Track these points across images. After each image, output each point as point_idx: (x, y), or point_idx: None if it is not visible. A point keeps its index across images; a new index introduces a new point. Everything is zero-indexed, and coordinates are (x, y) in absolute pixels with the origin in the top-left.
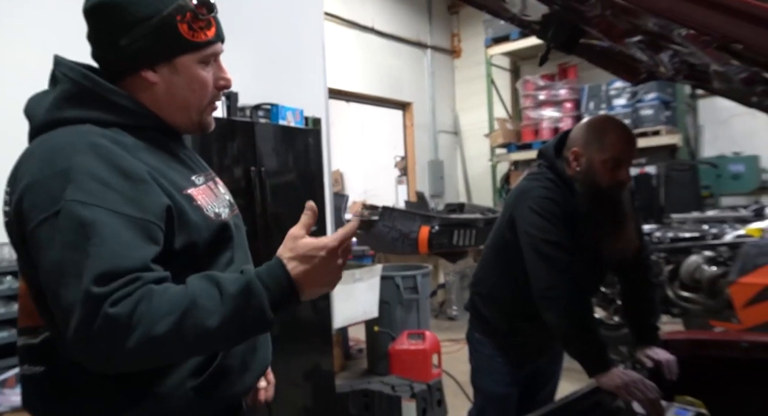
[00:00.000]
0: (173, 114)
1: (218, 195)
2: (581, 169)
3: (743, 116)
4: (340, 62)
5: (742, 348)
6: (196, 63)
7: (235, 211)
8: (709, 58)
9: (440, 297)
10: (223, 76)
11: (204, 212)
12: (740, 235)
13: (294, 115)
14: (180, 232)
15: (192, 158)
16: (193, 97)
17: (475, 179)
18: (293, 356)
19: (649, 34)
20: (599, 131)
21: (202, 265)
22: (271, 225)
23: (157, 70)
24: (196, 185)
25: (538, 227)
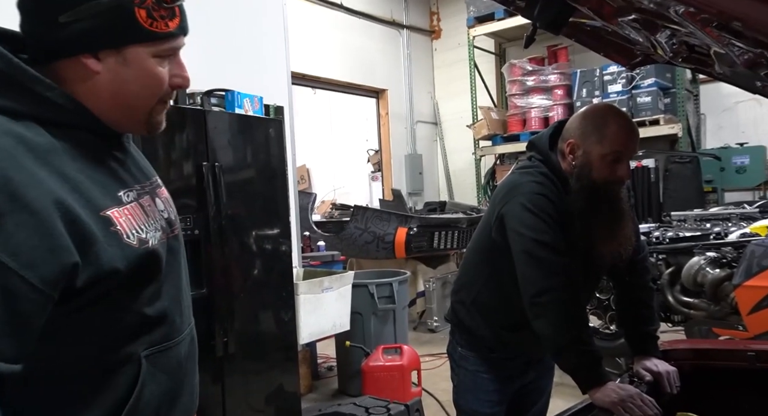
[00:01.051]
0: (114, 111)
1: (150, 214)
2: (577, 163)
3: (748, 103)
4: (305, 44)
5: (749, 357)
6: (150, 56)
7: (174, 231)
8: (709, 38)
9: (419, 307)
10: (180, 74)
11: (123, 239)
12: (745, 234)
13: (252, 102)
14: (85, 266)
15: (128, 166)
16: (142, 95)
17: (458, 175)
18: (252, 376)
19: (644, 12)
20: (599, 121)
21: (116, 301)
22: (227, 228)
23: (102, 58)
24: (122, 202)
25: (529, 226)
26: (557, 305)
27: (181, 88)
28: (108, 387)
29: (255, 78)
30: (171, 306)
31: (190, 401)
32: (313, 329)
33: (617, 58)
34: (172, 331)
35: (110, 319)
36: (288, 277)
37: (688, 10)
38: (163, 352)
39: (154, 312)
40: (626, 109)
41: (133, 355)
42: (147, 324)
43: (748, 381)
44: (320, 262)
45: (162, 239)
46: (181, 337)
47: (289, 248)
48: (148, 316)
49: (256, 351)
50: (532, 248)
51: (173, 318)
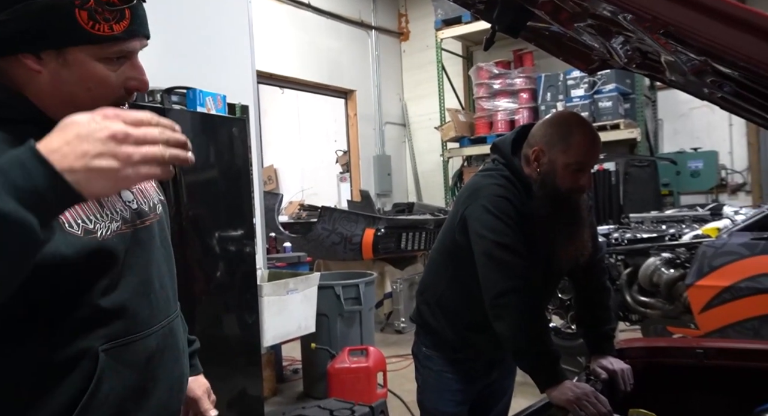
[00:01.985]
0: (60, 111)
1: (107, 205)
2: (542, 170)
3: (702, 109)
4: (273, 43)
5: (698, 354)
6: (94, 59)
7: (145, 222)
8: (657, 45)
9: (386, 308)
10: (135, 77)
11: (64, 227)
12: (698, 235)
13: (215, 101)
14: None
15: None
16: (86, 98)
17: (426, 176)
18: (214, 380)
19: (598, 18)
20: (564, 130)
21: (64, 294)
22: (188, 230)
23: (43, 58)
24: None
25: (491, 228)
26: (517, 307)
27: (138, 91)
28: (63, 383)
29: (218, 76)
30: (133, 299)
31: (168, 397)
32: (277, 331)
33: (576, 63)
34: (136, 325)
35: (59, 313)
36: (252, 279)
37: (634, 17)
38: (126, 346)
39: (111, 305)
40: (588, 113)
41: (90, 350)
42: (102, 318)
43: (697, 378)
44: (286, 263)
45: (122, 229)
46: (149, 330)
47: (253, 249)
48: (104, 309)
49: (218, 355)
50: (493, 250)
51: (136, 311)
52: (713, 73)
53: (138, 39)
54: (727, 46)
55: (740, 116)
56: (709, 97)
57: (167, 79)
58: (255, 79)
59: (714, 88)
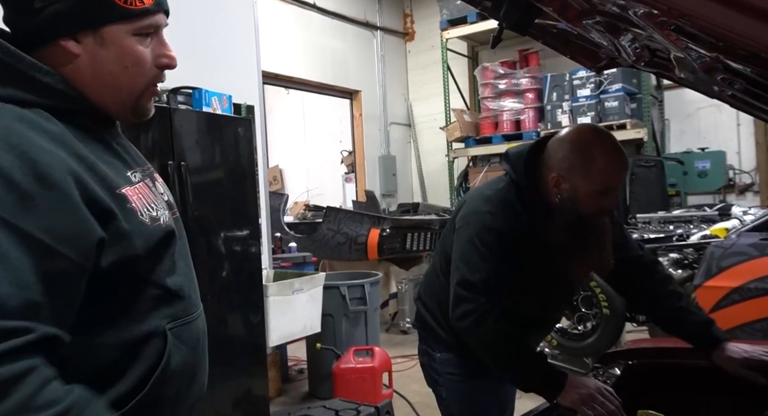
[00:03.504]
0: (102, 95)
1: (157, 195)
2: (562, 196)
3: (709, 109)
4: (278, 43)
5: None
6: (129, 35)
7: (175, 213)
8: (668, 42)
9: (392, 309)
10: (165, 53)
11: (138, 216)
12: (706, 236)
13: (221, 101)
14: (110, 246)
15: (128, 150)
16: (125, 76)
17: (431, 177)
18: (220, 380)
19: (607, 14)
20: (586, 154)
21: (138, 274)
22: (193, 229)
23: (81, 40)
24: (132, 182)
25: (466, 261)
26: (479, 336)
27: (169, 68)
28: (138, 358)
29: (224, 76)
30: (186, 281)
31: (203, 381)
32: (282, 331)
33: (583, 61)
34: (190, 306)
35: (135, 292)
36: (257, 279)
37: (646, 12)
38: (184, 326)
39: (173, 286)
40: (594, 113)
41: (158, 327)
42: (167, 297)
43: (707, 379)
44: (291, 263)
45: (169, 218)
46: (197, 312)
47: (258, 249)
48: (168, 289)
49: (224, 355)
50: (461, 283)
51: (189, 293)
52: (724, 70)
53: (163, 13)
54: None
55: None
56: (719, 95)
57: (173, 79)
58: (260, 79)
59: (724, 86)
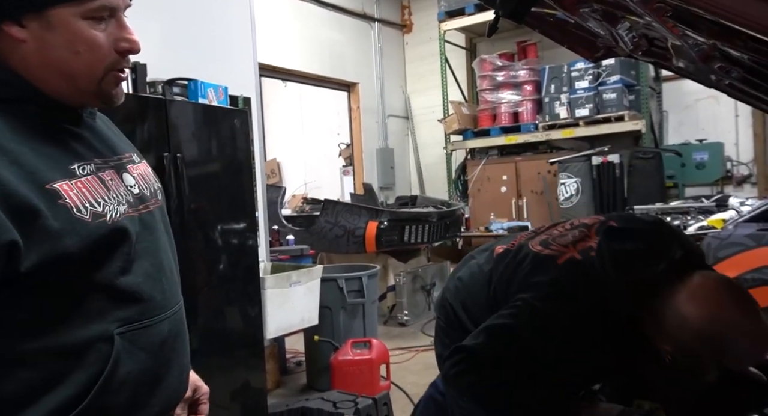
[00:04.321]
0: (53, 82)
1: (113, 187)
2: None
3: (707, 100)
4: (275, 35)
5: None
6: (78, 18)
7: (148, 207)
8: (665, 30)
9: (390, 301)
10: (124, 37)
11: (72, 212)
12: (703, 227)
13: (216, 92)
14: (34, 245)
15: (87, 139)
16: (78, 62)
17: (429, 169)
18: (217, 373)
19: (604, 2)
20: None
21: (76, 277)
22: (190, 222)
23: (26, 25)
24: (76, 175)
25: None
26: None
27: (131, 53)
28: (80, 366)
29: (220, 68)
30: (147, 283)
31: (178, 383)
32: (280, 324)
33: (581, 51)
34: (151, 309)
35: (73, 297)
36: (254, 272)
37: None
38: (141, 330)
39: (126, 288)
40: (592, 105)
41: (106, 332)
42: (117, 301)
43: None
44: (289, 256)
45: (129, 213)
46: (163, 315)
47: (255, 242)
48: (118, 292)
49: (221, 347)
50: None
51: (151, 295)
52: (721, 58)
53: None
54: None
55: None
56: (717, 84)
57: (169, 70)
58: (257, 71)
59: (722, 75)
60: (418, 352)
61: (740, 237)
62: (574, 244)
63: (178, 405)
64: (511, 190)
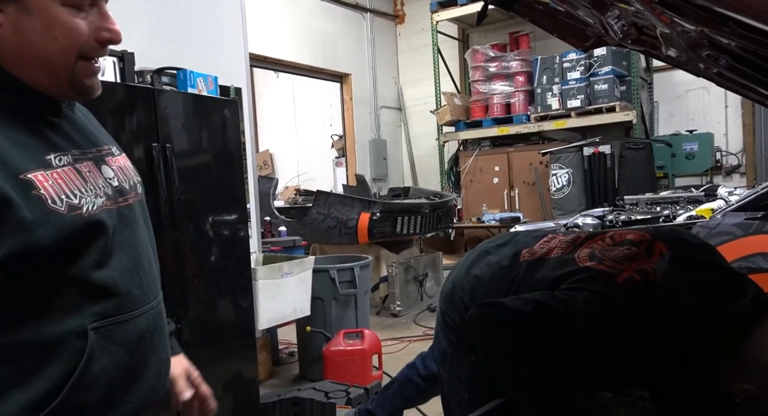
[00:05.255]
0: (29, 69)
1: (90, 180)
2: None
3: (697, 91)
4: (267, 25)
5: None
6: (57, 4)
7: (128, 200)
8: (654, 17)
9: (382, 292)
10: (105, 26)
11: (47, 204)
12: (692, 216)
13: (206, 82)
14: (6, 235)
15: (64, 130)
16: (55, 48)
17: (422, 160)
18: (208, 364)
19: None
20: None
21: (50, 270)
22: (179, 214)
23: (3, 9)
24: (51, 166)
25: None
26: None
27: (111, 43)
28: (52, 361)
29: (210, 57)
30: (124, 277)
31: (156, 379)
32: (272, 314)
33: (571, 40)
34: (127, 303)
35: (46, 291)
36: (246, 263)
37: None
38: (117, 325)
39: (101, 283)
40: (584, 96)
41: (79, 327)
42: (92, 296)
43: None
44: (281, 247)
45: (107, 205)
46: (140, 310)
47: (246, 233)
48: (94, 286)
49: (212, 338)
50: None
51: (127, 290)
52: (709, 46)
53: None
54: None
55: (736, 92)
56: (705, 72)
57: (158, 59)
58: (248, 61)
59: (710, 63)
60: (411, 342)
61: (728, 226)
62: (628, 262)
63: (184, 385)
64: (503, 181)
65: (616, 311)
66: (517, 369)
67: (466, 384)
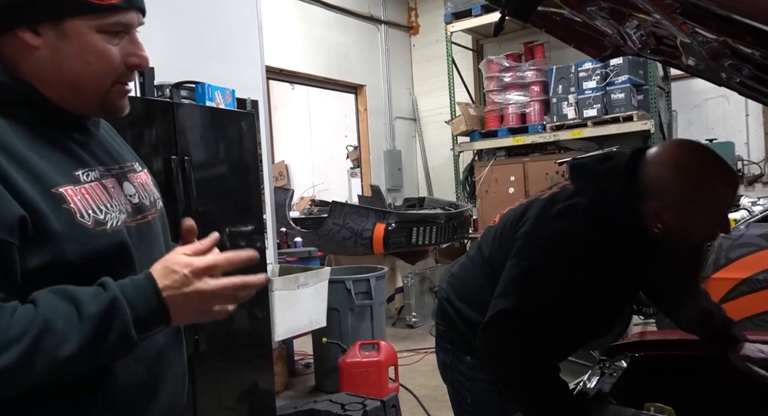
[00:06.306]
0: (61, 91)
1: (114, 195)
2: (667, 228)
3: (717, 100)
4: (282, 39)
5: None
6: (93, 31)
7: (147, 217)
8: (674, 27)
9: (398, 303)
10: (135, 53)
11: (76, 217)
12: None
13: (224, 95)
14: (36, 246)
15: (90, 147)
16: (87, 72)
17: (437, 171)
18: (225, 375)
19: (611, 0)
20: (699, 183)
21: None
22: (197, 225)
23: (41, 33)
24: (80, 181)
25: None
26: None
27: (139, 69)
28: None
29: (227, 71)
30: None
31: (173, 394)
32: (288, 325)
33: (588, 50)
34: None
35: None
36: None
37: None
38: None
39: None
40: (600, 105)
41: None
42: None
43: (715, 370)
44: (297, 258)
45: (127, 222)
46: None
47: (263, 244)
48: None
49: (229, 349)
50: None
51: None
52: (732, 55)
53: (135, 11)
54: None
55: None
56: (727, 82)
57: (176, 73)
58: (264, 74)
59: (732, 72)
60: (427, 354)
61: (752, 237)
62: (549, 190)
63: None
64: (519, 191)
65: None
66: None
67: (468, 387)
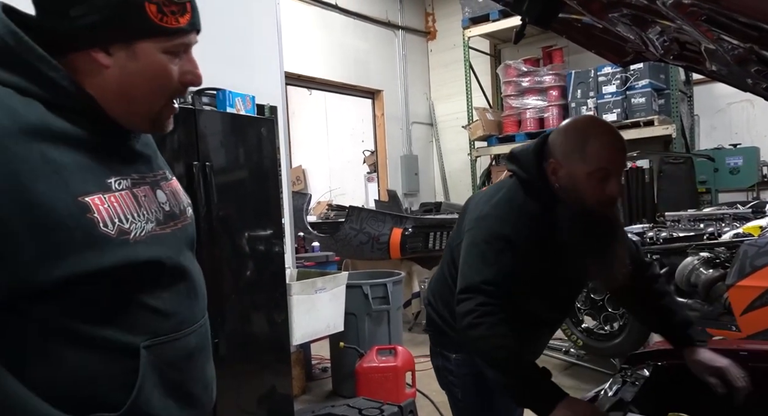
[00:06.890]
0: (121, 106)
1: (144, 205)
2: (561, 184)
3: (741, 104)
4: (300, 44)
5: (742, 357)
6: (159, 51)
7: (177, 225)
8: (698, 33)
9: (414, 308)
10: (191, 71)
11: (99, 227)
12: (738, 234)
13: (244, 102)
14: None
15: (126, 155)
16: (148, 89)
17: (453, 176)
18: (244, 378)
19: (633, 7)
20: (580, 137)
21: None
22: (217, 229)
23: (112, 53)
24: (111, 189)
25: (470, 265)
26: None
27: (193, 85)
28: (105, 380)
29: (247, 77)
30: (176, 299)
31: (204, 394)
32: (306, 330)
33: (609, 56)
34: (179, 323)
35: (102, 310)
36: (281, 278)
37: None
38: (169, 344)
39: (153, 305)
40: (621, 110)
41: (131, 345)
42: (144, 316)
43: None
44: (314, 263)
45: (155, 231)
46: (190, 329)
47: (281, 249)
48: (147, 308)
49: (248, 353)
50: (464, 286)
51: (178, 311)
52: (758, 61)
53: (195, 33)
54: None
55: None
56: (753, 88)
57: None
58: (283, 80)
59: (759, 78)
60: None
61: None
62: None
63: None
64: None
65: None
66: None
67: (457, 383)
